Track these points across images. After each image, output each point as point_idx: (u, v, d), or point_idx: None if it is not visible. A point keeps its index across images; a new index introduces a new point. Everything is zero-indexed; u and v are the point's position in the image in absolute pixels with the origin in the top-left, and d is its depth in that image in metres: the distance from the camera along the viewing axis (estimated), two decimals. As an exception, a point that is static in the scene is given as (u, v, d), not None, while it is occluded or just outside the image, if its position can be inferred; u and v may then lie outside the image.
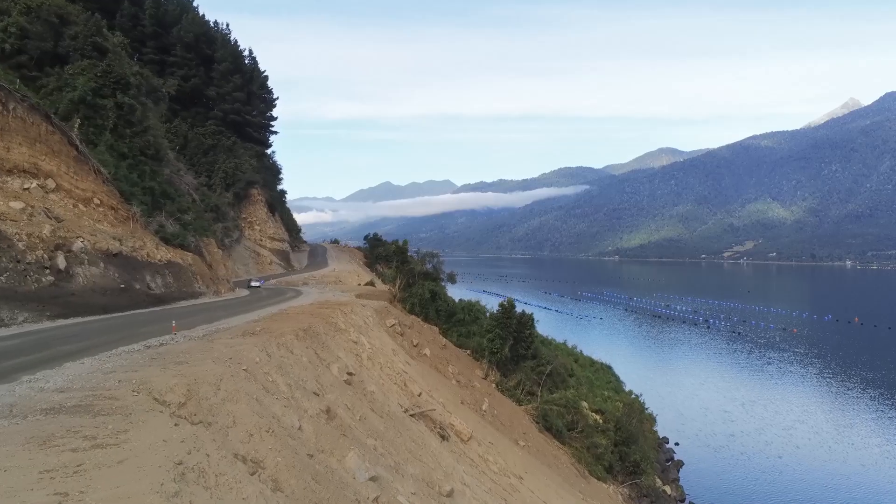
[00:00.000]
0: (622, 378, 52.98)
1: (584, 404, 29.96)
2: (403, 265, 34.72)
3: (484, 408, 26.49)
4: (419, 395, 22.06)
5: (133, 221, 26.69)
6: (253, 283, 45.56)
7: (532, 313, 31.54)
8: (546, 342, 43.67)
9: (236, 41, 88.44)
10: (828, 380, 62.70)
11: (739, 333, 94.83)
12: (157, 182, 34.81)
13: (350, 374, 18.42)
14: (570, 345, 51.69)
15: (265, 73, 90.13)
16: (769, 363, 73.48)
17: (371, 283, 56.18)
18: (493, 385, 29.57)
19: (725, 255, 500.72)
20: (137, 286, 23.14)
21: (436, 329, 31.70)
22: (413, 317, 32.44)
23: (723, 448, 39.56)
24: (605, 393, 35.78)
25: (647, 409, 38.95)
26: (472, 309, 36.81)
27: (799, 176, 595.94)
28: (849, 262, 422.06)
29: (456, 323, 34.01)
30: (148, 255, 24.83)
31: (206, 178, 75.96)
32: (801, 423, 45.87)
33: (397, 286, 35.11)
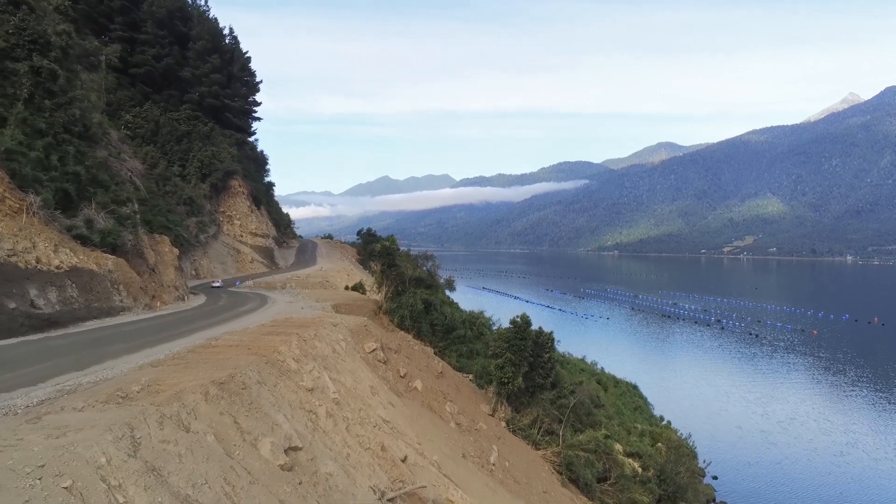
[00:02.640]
0: (638, 387, 46.99)
1: (618, 447, 23.81)
2: (391, 269, 28.27)
3: (492, 460, 20.15)
4: (404, 460, 15.65)
5: (27, 215, 20.10)
6: (215, 284, 39.74)
7: (551, 332, 25.31)
8: (563, 361, 37.39)
9: (216, 19, 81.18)
10: (866, 390, 56.85)
11: (757, 336, 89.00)
12: (86, 166, 28.11)
13: (293, 448, 11.99)
14: (589, 360, 45.42)
15: (247, 54, 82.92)
16: (795, 370, 67.68)
17: (360, 285, 49.71)
18: (503, 424, 23.37)
19: (725, 250, 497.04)
20: (12, 305, 16.60)
21: (430, 350, 25.38)
22: (402, 333, 26.06)
23: (772, 485, 33.50)
24: (639, 426, 29.61)
25: (682, 435, 32.67)
26: (475, 322, 30.43)
27: (799, 171, 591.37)
28: (849, 258, 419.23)
29: (455, 340, 27.73)
30: (38, 261, 18.26)
31: (179, 168, 69.14)
32: (854, 448, 39.91)
33: (384, 294, 28.70)
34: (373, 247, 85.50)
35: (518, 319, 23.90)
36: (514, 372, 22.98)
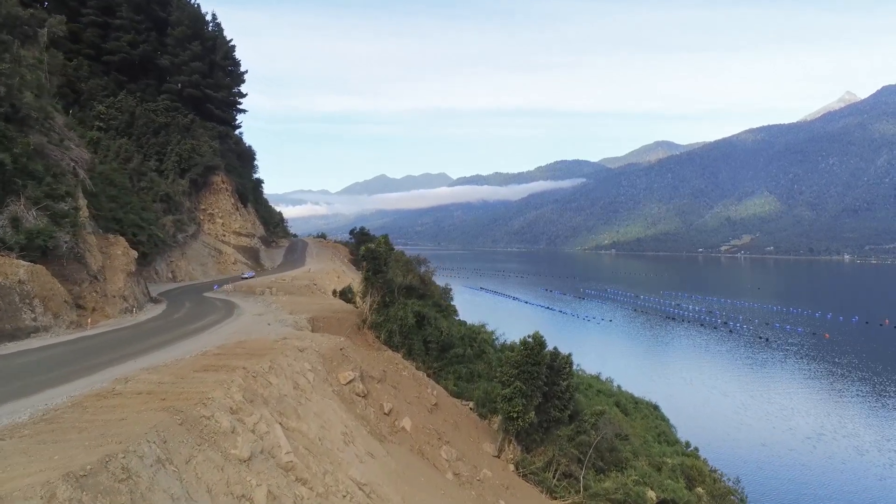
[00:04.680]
0: (659, 407, 43.02)
1: (651, 494, 19.73)
2: (376, 276, 24.03)
3: (500, 521, 15.90)
4: (384, 548, 11.38)
5: None
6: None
7: (570, 354, 21.16)
8: (578, 381, 33.09)
9: (198, 4, 76.45)
10: (892, 401, 53.17)
11: (767, 340, 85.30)
12: (13, 154, 23.65)
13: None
14: (598, 373, 41.26)
15: (231, 42, 78.18)
16: (812, 377, 64.00)
17: (348, 290, 45.25)
18: (512, 467, 19.25)
19: (722, 249, 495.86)
20: None
21: (422, 375, 21.19)
22: (389, 354, 21.83)
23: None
24: (669, 460, 25.48)
25: (714, 468, 28.57)
26: (475, 338, 26.10)
27: (796, 170, 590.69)
28: (847, 257, 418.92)
29: (453, 360, 23.56)
30: None
31: (156, 163, 64.51)
32: (893, 469, 36.09)
33: (369, 306, 24.46)
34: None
35: (530, 340, 19.68)
36: (526, 404, 18.77)
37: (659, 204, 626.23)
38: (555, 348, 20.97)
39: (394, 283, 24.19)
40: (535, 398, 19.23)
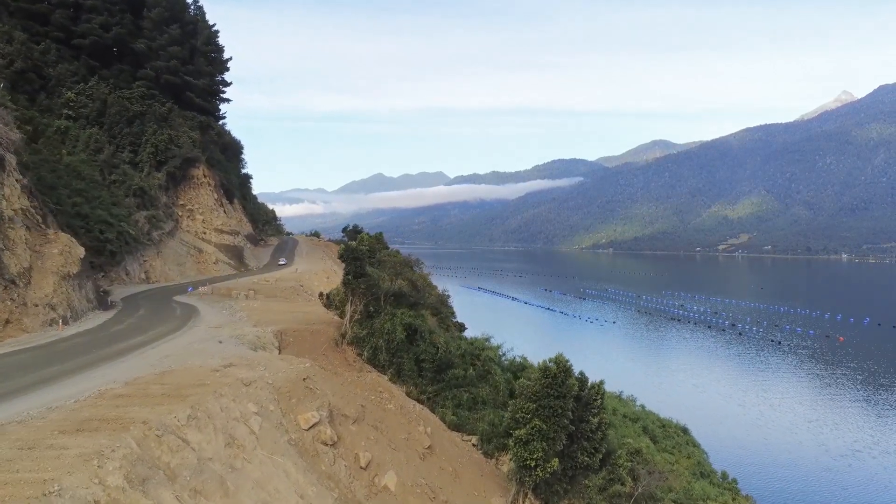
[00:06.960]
0: (689, 430, 38.89)
1: (705, 560, 15.67)
2: (358, 280, 19.72)
3: None
4: None
5: None
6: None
7: (601, 382, 16.96)
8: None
9: (178, -14, 71.42)
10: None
11: (779, 343, 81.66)
12: None
13: None
14: (608, 381, 36.90)
15: (214, 27, 73.42)
16: (832, 384, 60.33)
17: (337, 292, 40.85)
18: (528, 529, 15.05)
19: (720, 248, 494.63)
20: None
21: (412, 406, 16.88)
22: (373, 377, 17.52)
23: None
24: (714, 505, 21.40)
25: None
26: (478, 355, 21.56)
27: (793, 169, 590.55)
28: (844, 256, 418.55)
29: (452, 383, 19.30)
30: None
31: (130, 154, 59.74)
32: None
33: (349, 317, 20.16)
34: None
35: (551, 365, 15.32)
36: (547, 449, 14.49)
37: (656, 203, 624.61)
38: (581, 373, 16.69)
39: (380, 289, 19.90)
40: (559, 441, 14.94)
